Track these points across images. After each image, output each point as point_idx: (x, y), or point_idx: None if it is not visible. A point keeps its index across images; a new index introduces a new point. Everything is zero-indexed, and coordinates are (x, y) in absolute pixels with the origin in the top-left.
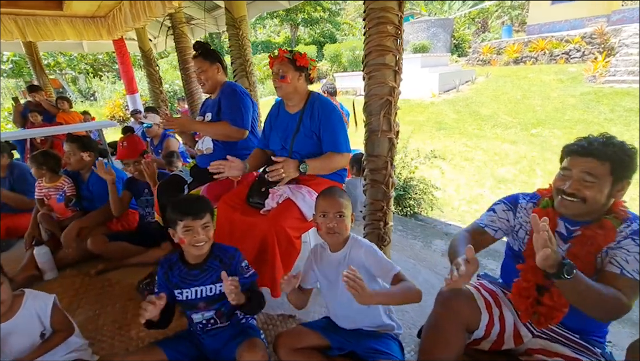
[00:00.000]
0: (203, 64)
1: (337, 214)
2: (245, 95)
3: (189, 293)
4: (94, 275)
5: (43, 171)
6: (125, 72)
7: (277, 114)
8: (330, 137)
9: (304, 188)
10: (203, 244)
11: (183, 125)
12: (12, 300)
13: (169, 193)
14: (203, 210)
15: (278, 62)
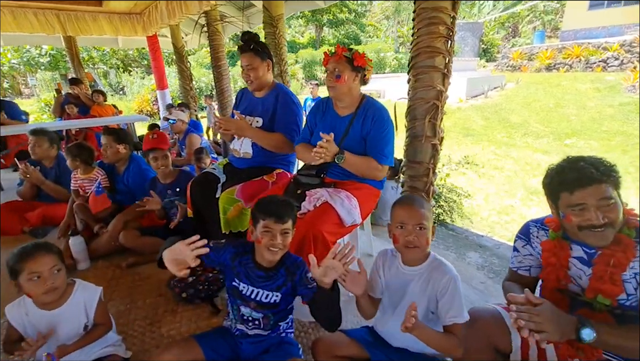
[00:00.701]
0: (254, 60)
1: (417, 226)
2: (300, 106)
3: (247, 288)
4: (125, 268)
5: (77, 163)
6: (156, 68)
7: (325, 113)
8: (376, 144)
9: (343, 192)
10: (278, 251)
11: (241, 129)
12: (65, 288)
13: (202, 190)
14: (287, 215)
15: (334, 61)
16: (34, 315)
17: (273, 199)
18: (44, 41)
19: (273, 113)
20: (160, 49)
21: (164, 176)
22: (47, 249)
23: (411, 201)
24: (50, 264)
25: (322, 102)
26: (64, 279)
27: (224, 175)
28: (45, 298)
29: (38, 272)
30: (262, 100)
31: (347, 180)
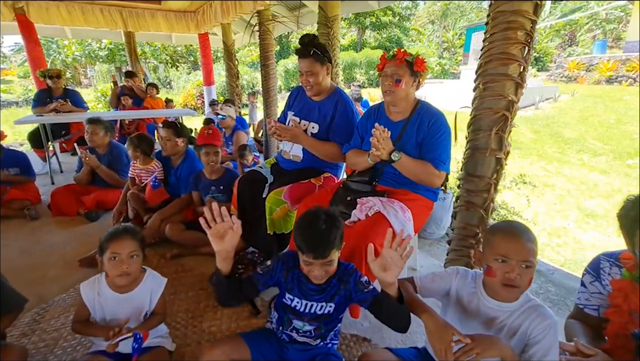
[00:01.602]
0: (313, 65)
1: (522, 264)
2: (357, 116)
3: (300, 303)
4: (169, 259)
5: (138, 153)
6: (205, 64)
7: (376, 119)
8: (433, 149)
9: (397, 203)
10: (321, 279)
11: (296, 137)
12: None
13: (250, 188)
14: (328, 250)
15: (394, 65)
16: (105, 296)
17: (318, 227)
18: (106, 36)
19: (331, 121)
20: (210, 47)
21: (211, 172)
22: (132, 234)
23: (519, 232)
24: (130, 248)
25: (374, 109)
26: (138, 266)
27: (272, 175)
28: (118, 280)
29: (117, 253)
30: (319, 105)
31: (400, 188)
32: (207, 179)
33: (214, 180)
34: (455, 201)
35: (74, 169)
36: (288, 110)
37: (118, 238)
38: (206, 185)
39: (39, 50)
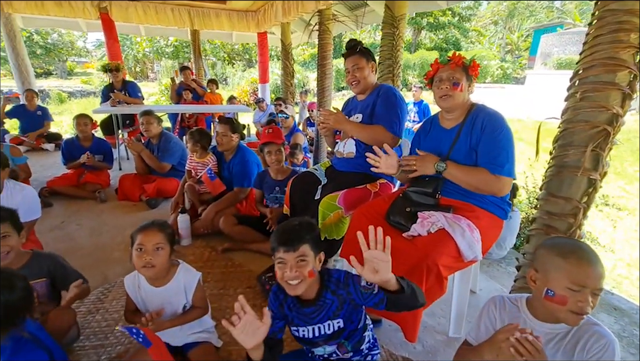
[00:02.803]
0: (360, 61)
1: (596, 291)
2: (403, 100)
3: (306, 331)
4: (220, 252)
5: (197, 147)
6: (262, 62)
7: (429, 131)
8: (488, 151)
9: (464, 220)
10: (297, 284)
11: (339, 120)
12: (168, 269)
13: (302, 189)
14: (299, 240)
15: (450, 68)
16: (144, 289)
17: (288, 224)
18: (174, 33)
19: (373, 107)
20: (267, 46)
21: (276, 172)
22: (160, 227)
23: (593, 256)
24: (155, 241)
25: (428, 122)
26: (164, 260)
27: (325, 178)
28: (143, 271)
29: (143, 245)
30: (363, 100)
31: (467, 203)
32: (272, 179)
33: (279, 180)
34: (530, 223)
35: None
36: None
37: (145, 230)
38: (270, 185)
39: (117, 47)
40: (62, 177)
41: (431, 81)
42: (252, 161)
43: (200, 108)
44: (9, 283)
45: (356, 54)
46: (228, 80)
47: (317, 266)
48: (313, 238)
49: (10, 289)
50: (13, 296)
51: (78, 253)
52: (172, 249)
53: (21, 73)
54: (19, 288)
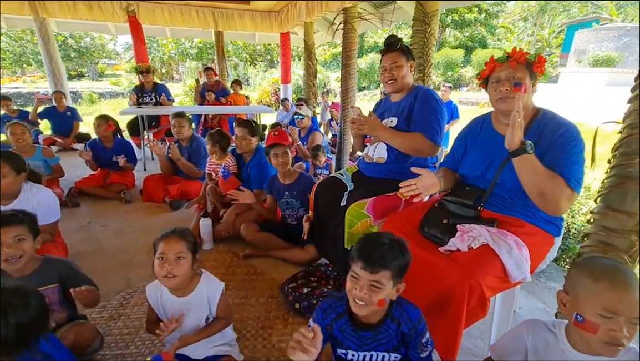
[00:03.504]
0: (399, 58)
1: (633, 320)
2: (443, 105)
3: (356, 356)
4: (242, 258)
5: (216, 149)
6: (284, 63)
7: (479, 133)
8: (560, 163)
9: (511, 236)
10: (362, 305)
11: (374, 127)
12: (191, 278)
13: (328, 195)
14: (382, 265)
15: (509, 67)
16: (166, 299)
17: (377, 239)
18: (198, 35)
19: (409, 111)
20: (290, 46)
21: (284, 175)
22: (181, 235)
23: (629, 279)
24: (177, 250)
25: (477, 123)
26: (186, 269)
27: (352, 183)
28: (164, 281)
29: (164, 254)
30: (398, 102)
31: (513, 217)
32: (280, 183)
33: (288, 185)
34: (582, 238)
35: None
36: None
37: (168, 238)
38: (280, 190)
39: (143, 49)
40: (89, 178)
41: (485, 82)
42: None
43: (223, 109)
44: (22, 302)
45: (396, 51)
46: (250, 80)
47: (392, 296)
48: (399, 266)
49: (23, 309)
50: (26, 316)
51: (102, 255)
52: (195, 259)
53: (54, 75)
54: (33, 307)
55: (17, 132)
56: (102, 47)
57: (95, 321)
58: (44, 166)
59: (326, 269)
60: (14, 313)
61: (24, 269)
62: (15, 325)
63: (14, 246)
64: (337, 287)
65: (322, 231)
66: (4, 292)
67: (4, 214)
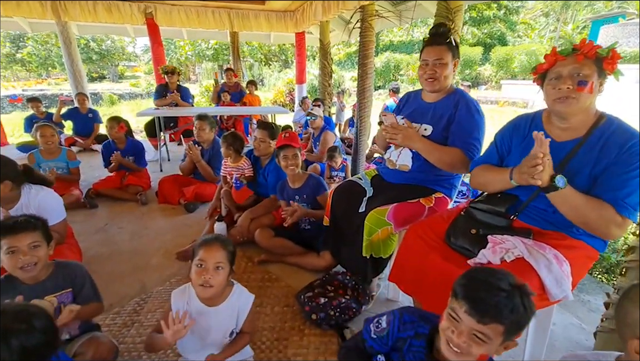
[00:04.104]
0: (446, 54)
1: None
2: (484, 118)
3: None
4: (256, 264)
5: (230, 151)
6: (299, 63)
7: (527, 134)
8: (618, 185)
9: (549, 249)
10: (459, 353)
11: (408, 138)
12: (223, 289)
13: (346, 200)
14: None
15: (575, 61)
16: (194, 306)
17: (494, 280)
18: (214, 36)
19: (448, 122)
20: (305, 46)
21: (293, 179)
22: (223, 244)
23: None
24: (217, 259)
25: (524, 122)
26: (222, 280)
27: (371, 188)
28: (199, 290)
29: (204, 261)
30: (434, 105)
31: (552, 230)
32: (290, 187)
33: (297, 188)
34: (627, 251)
35: (180, 158)
36: (397, 115)
37: (208, 245)
38: (290, 194)
39: (161, 50)
40: (107, 180)
41: (542, 77)
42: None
43: (238, 110)
44: (27, 326)
45: (443, 46)
46: (264, 81)
47: (497, 353)
48: (518, 322)
49: (28, 333)
50: (32, 340)
51: (118, 258)
52: (232, 270)
53: (75, 77)
54: (39, 330)
55: (47, 135)
56: (122, 50)
57: (109, 328)
58: (65, 167)
59: (343, 278)
60: (18, 337)
61: (38, 276)
62: (20, 350)
63: (30, 253)
64: (355, 297)
65: (339, 237)
66: (6, 315)
67: (18, 220)
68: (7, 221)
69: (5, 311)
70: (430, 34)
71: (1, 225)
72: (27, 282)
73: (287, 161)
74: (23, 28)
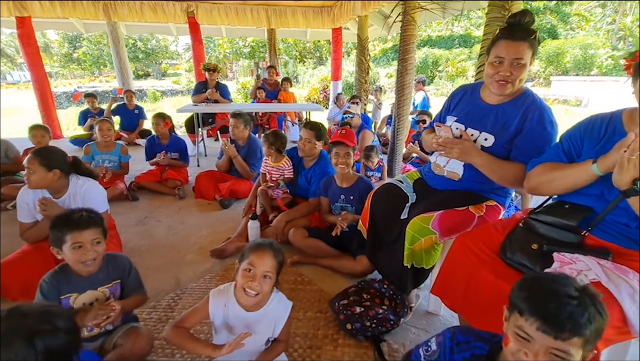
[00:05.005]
0: (526, 52)
1: None
2: (557, 128)
3: None
4: (289, 265)
5: (272, 150)
6: (335, 59)
7: (603, 137)
8: None
9: (633, 274)
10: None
11: (466, 152)
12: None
13: (385, 206)
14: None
15: None
16: (233, 310)
17: (559, 287)
18: (252, 33)
19: (516, 133)
20: (341, 42)
21: (341, 178)
22: (275, 253)
23: None
24: (266, 268)
25: (600, 123)
26: (268, 289)
27: (414, 193)
28: (241, 294)
29: (254, 267)
30: (496, 109)
31: (635, 250)
32: (337, 185)
33: (345, 188)
34: None
35: (216, 154)
36: (447, 114)
37: (260, 251)
38: (335, 192)
39: (201, 48)
40: (148, 173)
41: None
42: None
43: (273, 107)
44: (50, 327)
45: (525, 42)
46: (298, 78)
47: None
48: (597, 330)
49: (52, 334)
50: (56, 341)
51: (155, 252)
52: (277, 281)
53: (123, 75)
54: (62, 330)
55: (104, 129)
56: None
57: (145, 323)
58: (117, 161)
59: (381, 286)
60: (42, 339)
61: (93, 269)
62: (45, 351)
63: (92, 249)
64: (393, 308)
65: (378, 243)
66: (31, 316)
67: (83, 215)
68: (72, 216)
69: (29, 312)
70: (508, 24)
71: (68, 221)
72: (83, 275)
73: (338, 159)
74: (78, 29)
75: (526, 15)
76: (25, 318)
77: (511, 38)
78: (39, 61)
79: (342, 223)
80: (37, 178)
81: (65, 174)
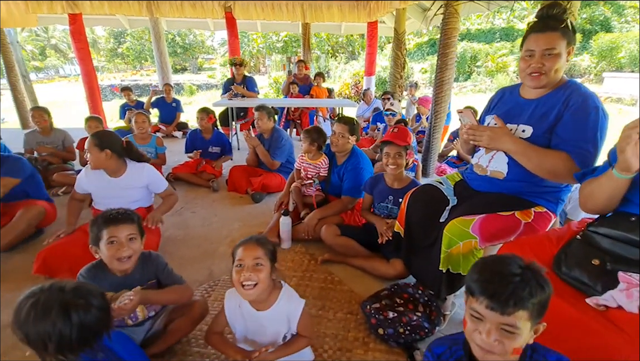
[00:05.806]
0: (559, 42)
1: None
2: (607, 118)
3: None
4: (320, 263)
5: (313, 147)
6: (370, 54)
7: None
8: None
9: None
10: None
11: (497, 138)
12: (270, 291)
13: (423, 208)
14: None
15: None
16: (245, 309)
17: (503, 267)
18: (286, 28)
19: (555, 121)
20: (377, 36)
21: (392, 178)
22: (259, 242)
23: None
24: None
25: None
26: (264, 277)
27: (455, 197)
28: (242, 291)
29: (243, 260)
30: (535, 102)
31: None
32: (386, 185)
33: (395, 189)
34: None
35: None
36: (486, 115)
37: (244, 244)
38: (383, 192)
39: (236, 43)
40: (185, 165)
41: None
42: (366, 169)
43: (305, 102)
44: (84, 302)
45: (556, 32)
46: (330, 73)
47: (529, 340)
48: (540, 302)
49: (85, 309)
50: (89, 316)
51: (189, 243)
52: (274, 268)
53: (162, 69)
54: (95, 306)
55: (139, 121)
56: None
57: None
58: (154, 152)
59: (415, 291)
60: (77, 312)
61: (128, 268)
62: (79, 325)
63: (127, 245)
64: (427, 315)
65: (413, 246)
66: (66, 291)
67: (119, 212)
68: (109, 214)
69: (66, 287)
70: (538, 17)
71: (105, 217)
72: (118, 274)
73: (389, 159)
74: (123, 25)
75: (554, 6)
76: (62, 292)
77: (541, 30)
78: (88, 55)
79: (388, 233)
80: (92, 158)
81: (118, 155)
